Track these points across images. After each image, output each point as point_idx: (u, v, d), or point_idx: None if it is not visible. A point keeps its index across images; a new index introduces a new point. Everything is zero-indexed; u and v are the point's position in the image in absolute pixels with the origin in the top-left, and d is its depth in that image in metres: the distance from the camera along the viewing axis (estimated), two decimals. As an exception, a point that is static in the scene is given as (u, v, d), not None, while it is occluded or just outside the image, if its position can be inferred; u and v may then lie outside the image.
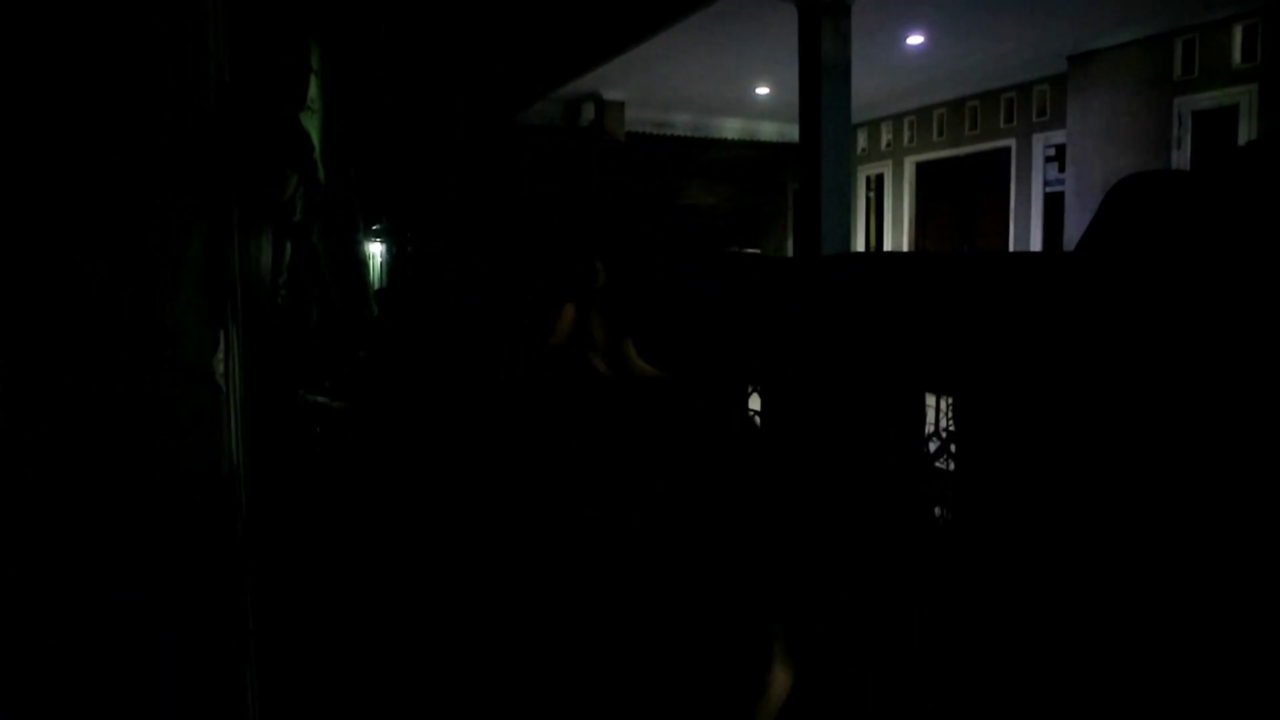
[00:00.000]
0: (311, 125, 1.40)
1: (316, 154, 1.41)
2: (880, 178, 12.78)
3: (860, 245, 12.95)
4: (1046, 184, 10.15)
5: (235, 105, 1.30)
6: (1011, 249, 10.47)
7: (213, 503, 1.37)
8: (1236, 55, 7.58)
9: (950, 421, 2.67)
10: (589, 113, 11.19)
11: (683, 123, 12.60)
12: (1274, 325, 1.42)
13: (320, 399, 3.33)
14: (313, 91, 1.39)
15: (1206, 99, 7.83)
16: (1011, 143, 10.47)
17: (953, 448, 2.64)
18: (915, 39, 8.43)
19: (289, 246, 1.33)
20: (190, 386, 1.35)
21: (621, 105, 10.87)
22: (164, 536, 1.34)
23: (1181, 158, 8.02)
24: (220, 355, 1.37)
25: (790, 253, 14.80)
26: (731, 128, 12.99)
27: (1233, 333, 1.47)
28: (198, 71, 1.30)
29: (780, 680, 1.33)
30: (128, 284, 1.29)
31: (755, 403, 3.44)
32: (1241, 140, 7.56)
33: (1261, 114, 7.36)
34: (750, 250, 14.06)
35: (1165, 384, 1.54)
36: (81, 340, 1.27)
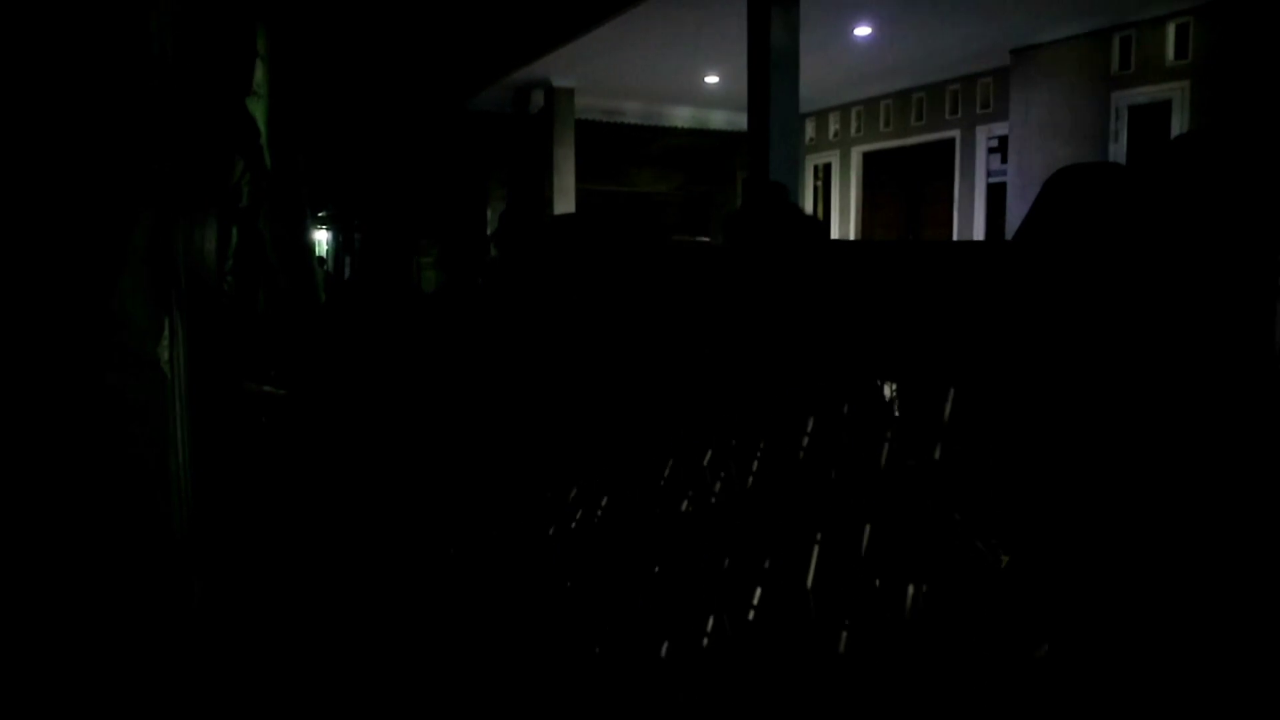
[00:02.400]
0: (258, 111, 1.38)
1: (263, 140, 1.40)
2: (828, 167, 12.91)
3: (809, 234, 13.04)
4: (990, 174, 10.36)
5: (180, 91, 1.28)
6: (956, 238, 10.67)
7: (159, 488, 1.36)
8: (1170, 53, 7.80)
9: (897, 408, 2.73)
10: (539, 100, 11.12)
11: (633, 110, 12.59)
12: (1195, 309, 1.48)
13: (265, 388, 3.28)
14: (259, 77, 1.37)
15: (1142, 94, 8.06)
16: (956, 134, 10.65)
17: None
18: (863, 30, 8.53)
19: (235, 232, 1.31)
20: (136, 373, 1.34)
21: (571, 92, 10.83)
22: (110, 523, 1.32)
23: (1118, 150, 8.24)
24: (165, 342, 1.36)
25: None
26: (682, 116, 13.01)
27: (1158, 315, 1.53)
28: (140, 58, 1.28)
29: None
30: (71, 271, 1.27)
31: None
32: (1174, 134, 7.79)
33: (1193, 109, 7.59)
34: (700, 239, 14.11)
35: (1093, 365, 1.60)
36: (22, 327, 1.25)
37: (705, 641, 1.86)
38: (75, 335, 1.31)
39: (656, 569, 1.92)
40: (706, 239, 14.54)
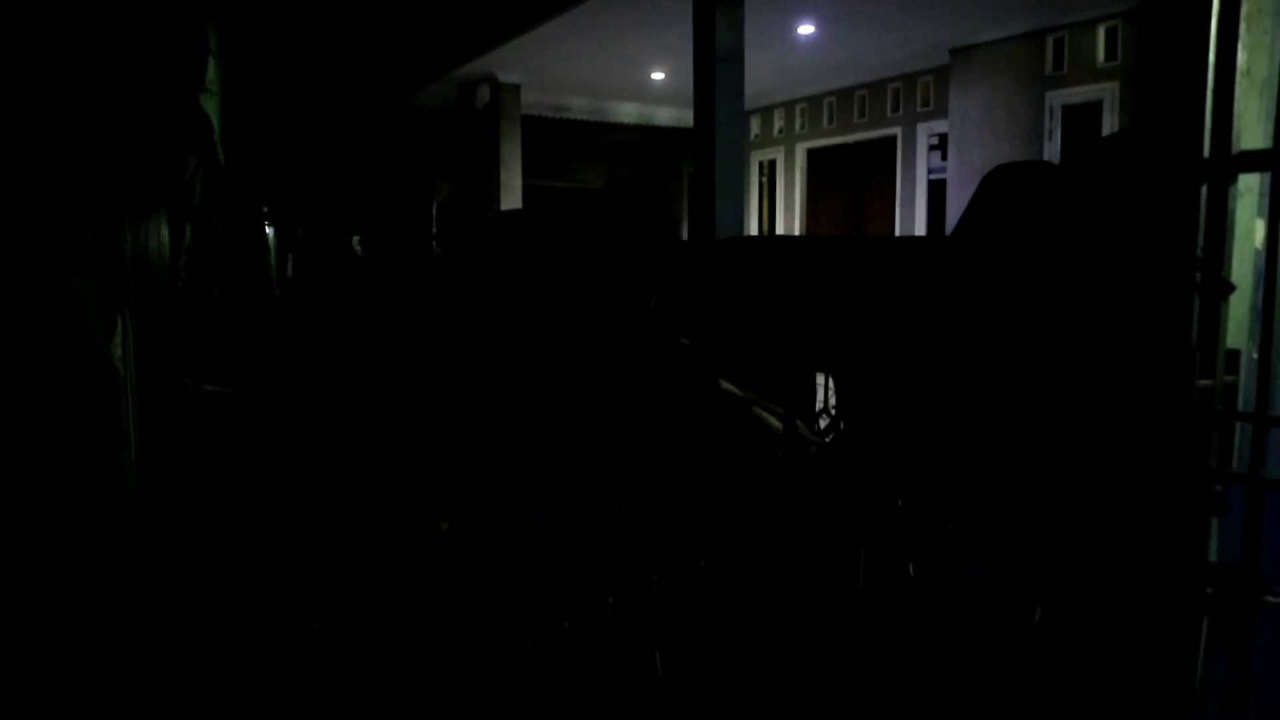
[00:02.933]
0: (211, 108, 1.39)
1: (216, 137, 1.40)
2: (773, 163, 13.06)
3: (753, 229, 13.21)
4: (930, 171, 10.58)
5: (129, 88, 1.28)
6: (898, 232, 10.88)
7: (112, 485, 1.36)
8: (1100, 54, 8.06)
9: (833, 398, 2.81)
10: (485, 95, 11.07)
11: (579, 107, 12.59)
12: (1117, 302, 1.56)
13: (207, 387, 3.24)
14: (211, 73, 1.38)
15: (1074, 94, 8.31)
16: (898, 131, 10.86)
17: (841, 424, 2.77)
18: (806, 29, 8.65)
19: (189, 230, 1.31)
20: (88, 371, 1.34)
21: (518, 88, 10.79)
22: (62, 523, 1.32)
23: (1053, 148, 8.49)
24: (118, 340, 1.36)
25: (685, 236, 14.98)
26: (628, 112, 13.05)
27: (1086, 306, 1.61)
28: (87, 54, 1.28)
29: None
30: (21, 270, 1.27)
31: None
32: (1105, 133, 8.05)
33: (1122, 109, 7.85)
34: (645, 234, 14.17)
35: (1025, 356, 1.67)
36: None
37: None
38: (26, 333, 1.31)
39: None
40: (653, 233, 14.61)
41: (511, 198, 10.72)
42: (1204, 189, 1.43)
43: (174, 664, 1.50)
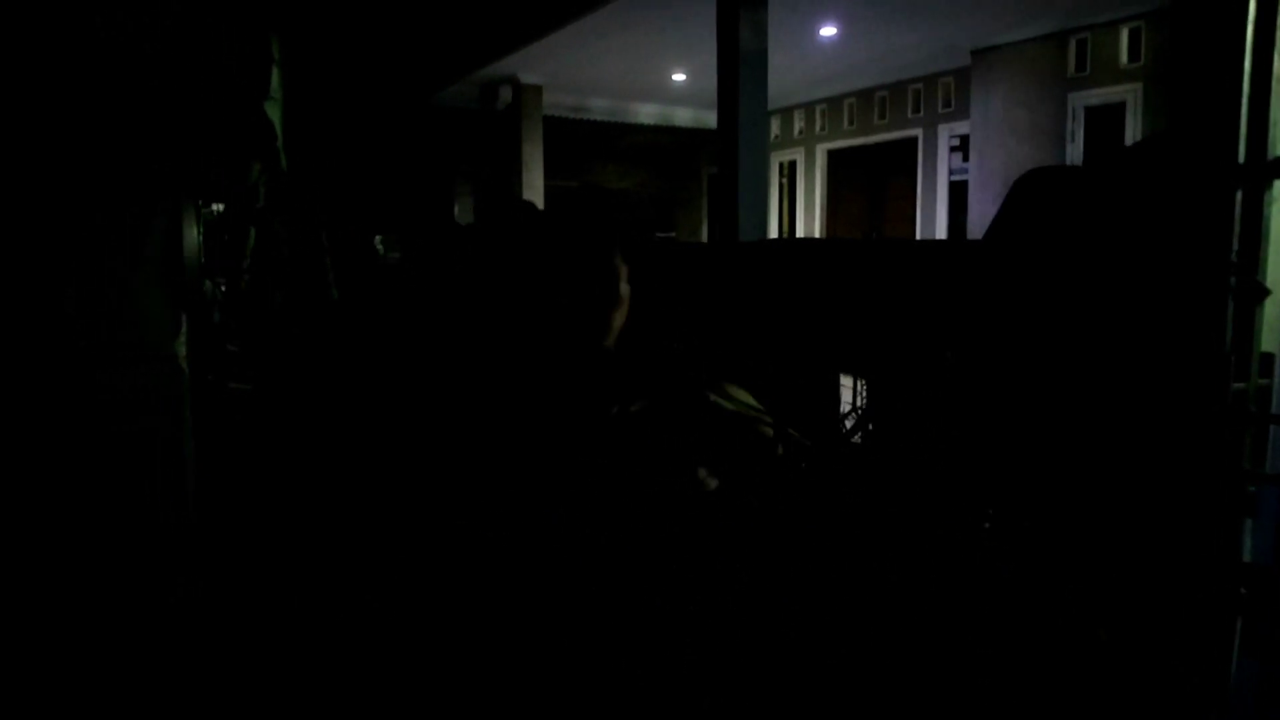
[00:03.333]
0: (274, 114, 1.44)
1: (279, 143, 1.45)
2: (793, 164, 13.06)
3: (773, 230, 13.22)
4: (951, 172, 10.56)
5: (196, 95, 1.33)
6: (918, 235, 10.86)
7: (175, 479, 1.41)
8: (1124, 55, 8.03)
9: (864, 400, 2.83)
10: (507, 96, 11.13)
11: (599, 107, 12.63)
12: (1152, 309, 1.58)
13: (233, 384, 3.29)
14: (275, 81, 1.43)
15: (1097, 95, 8.28)
16: (918, 132, 10.85)
17: (869, 426, 2.79)
18: (828, 30, 8.66)
19: (253, 232, 1.36)
20: (154, 368, 1.39)
21: (539, 89, 10.85)
22: (125, 515, 1.37)
23: (1075, 150, 8.46)
24: (183, 338, 1.41)
25: (705, 237, 15.01)
26: (648, 113, 13.08)
27: (1121, 310, 1.63)
28: (157, 62, 1.33)
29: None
30: (89, 270, 1.32)
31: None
32: (1128, 135, 8.02)
33: (1145, 111, 7.83)
34: (666, 235, 14.19)
35: (1062, 364, 1.69)
36: (47, 327, 1.29)
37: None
38: (98, 333, 1.36)
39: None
40: (672, 234, 14.63)
41: (533, 198, 10.78)
42: (1239, 194, 1.45)
43: (189, 664, 1.53)
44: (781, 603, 1.67)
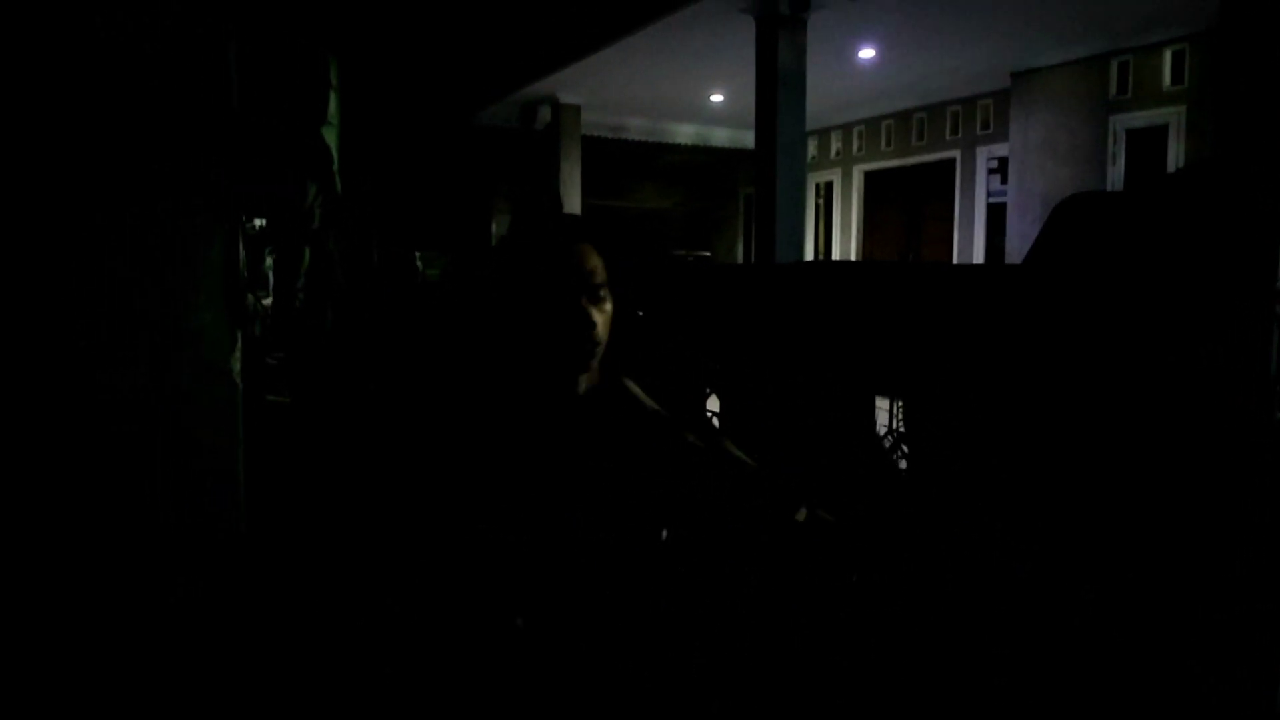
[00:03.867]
0: (330, 138, 1.48)
1: (335, 166, 1.49)
2: (830, 185, 13.06)
3: (809, 251, 13.20)
4: (989, 195, 10.50)
5: (255, 118, 1.38)
6: (955, 257, 10.79)
7: (225, 492, 1.45)
8: (1167, 78, 7.96)
9: (900, 423, 2.83)
10: (546, 115, 11.26)
11: (637, 127, 12.73)
12: (1197, 336, 1.58)
13: (271, 397, 3.36)
14: (332, 106, 1.47)
15: (1139, 118, 8.21)
16: (956, 154, 10.80)
17: (904, 448, 2.79)
18: (867, 52, 8.68)
19: (307, 252, 1.40)
20: (209, 384, 1.43)
21: (578, 109, 10.96)
22: (177, 526, 1.41)
23: (1116, 173, 8.38)
24: (238, 354, 1.46)
25: (741, 257, 15.01)
26: (685, 133, 13.15)
27: (1164, 338, 1.62)
28: (218, 86, 1.39)
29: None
30: (151, 285, 1.37)
31: (713, 403, 3.58)
32: (1171, 158, 7.93)
33: (1189, 134, 7.74)
34: (702, 254, 14.23)
35: (1101, 386, 1.69)
36: (107, 338, 1.34)
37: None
38: (155, 347, 1.40)
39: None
40: (708, 254, 14.66)
41: (569, 217, 10.85)
42: (1285, 222, 1.45)
43: (185, 663, 1.54)
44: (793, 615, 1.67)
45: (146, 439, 1.38)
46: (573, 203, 10.97)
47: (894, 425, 3.03)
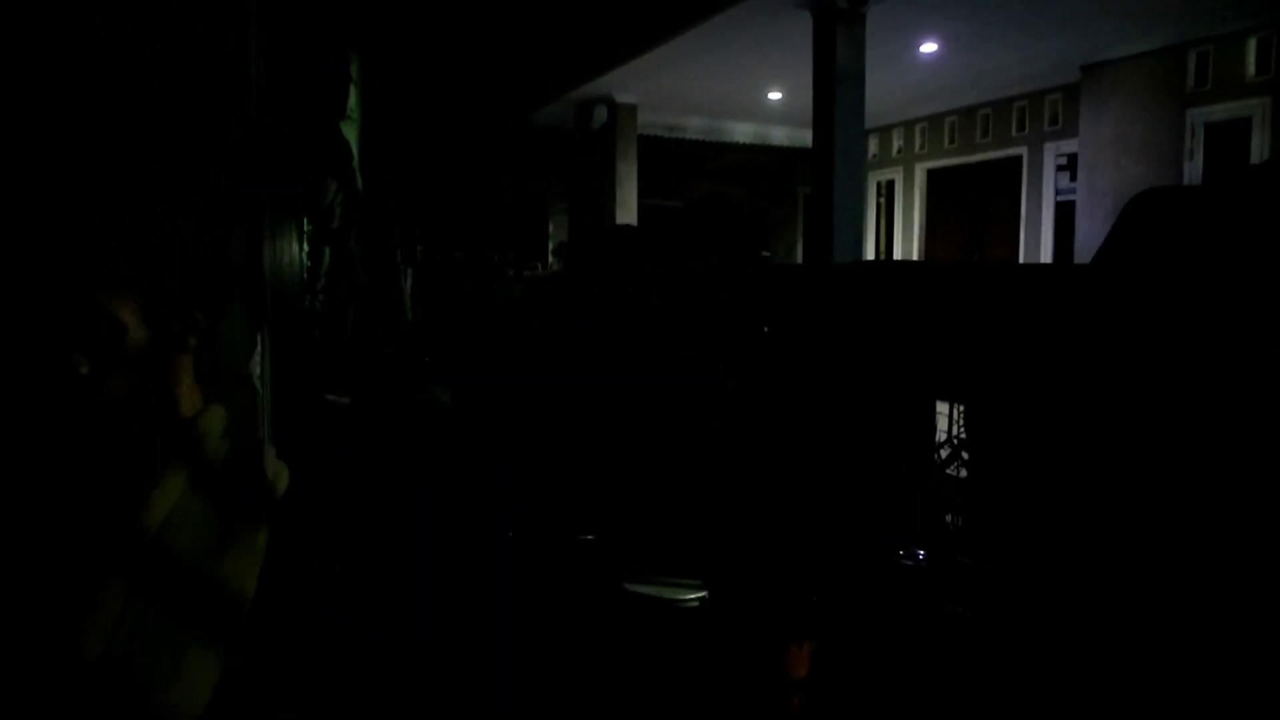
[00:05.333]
0: (350, 134, 1.43)
1: (355, 163, 1.44)
2: (891, 184, 12.80)
3: (870, 251, 12.96)
4: (1058, 193, 10.16)
5: (276, 116, 1.33)
6: (1022, 257, 10.48)
7: (249, 498, 1.41)
8: (1250, 68, 7.59)
9: (961, 429, 2.71)
10: (602, 115, 11.23)
11: (695, 126, 12.63)
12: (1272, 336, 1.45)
13: (330, 396, 3.36)
14: (352, 101, 1.42)
15: (1219, 111, 7.84)
16: (1023, 151, 10.48)
17: (964, 455, 2.67)
18: (928, 47, 8.45)
19: (328, 251, 1.36)
20: (229, 387, 1.39)
21: (634, 108, 10.91)
22: (199, 532, 1.37)
23: (1194, 170, 8.02)
24: (257, 358, 1.41)
25: (799, 257, 14.82)
26: (743, 132, 13.01)
27: (1242, 348, 1.50)
28: (239, 85, 1.34)
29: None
30: (151, 287, 1.33)
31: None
32: (1254, 153, 7.56)
33: (1275, 127, 7.36)
34: (762, 254, 14.06)
35: (1177, 394, 1.57)
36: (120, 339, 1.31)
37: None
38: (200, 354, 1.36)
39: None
40: (767, 254, 14.49)
41: (626, 216, 10.82)
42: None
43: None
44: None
45: (154, 442, 1.34)
46: (629, 203, 10.92)
47: (954, 431, 2.90)
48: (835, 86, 6.23)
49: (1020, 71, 9.41)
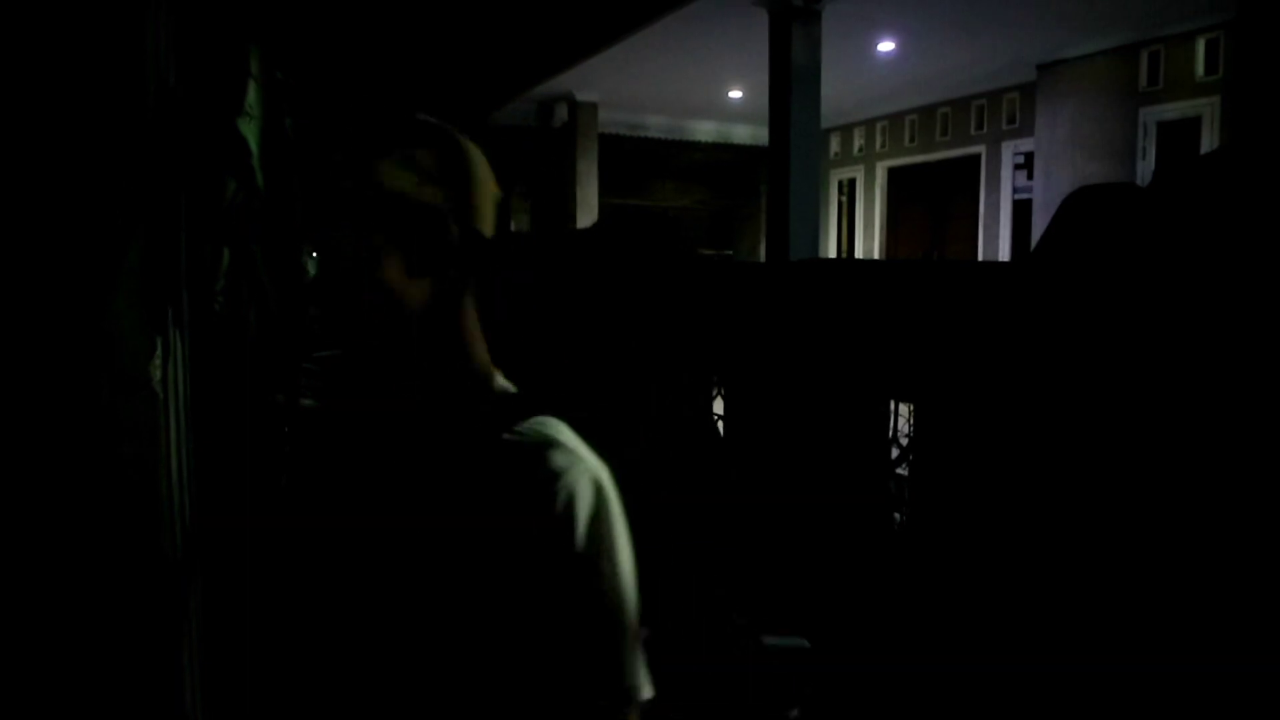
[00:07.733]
0: (250, 132, 1.38)
1: (255, 161, 1.39)
2: (852, 182, 12.86)
3: (832, 249, 13.02)
4: (1015, 191, 10.26)
5: (177, 109, 1.27)
6: (980, 255, 10.57)
7: (147, 509, 1.34)
8: (1199, 68, 7.70)
9: (910, 427, 2.70)
10: (562, 113, 11.16)
11: (656, 125, 12.61)
12: (1217, 324, 1.45)
13: (305, 402, 3.27)
14: (251, 97, 1.37)
15: (1171, 110, 7.95)
16: (982, 149, 10.57)
17: (910, 455, 2.66)
18: (886, 45, 8.49)
19: (226, 253, 1.30)
20: (128, 393, 1.33)
21: (595, 106, 10.86)
22: (93, 545, 1.31)
23: (1147, 167, 8.13)
24: (157, 362, 1.35)
25: (763, 255, 14.85)
26: (705, 130, 13.01)
27: (1180, 333, 1.50)
28: (136, 74, 1.28)
29: None
30: (63, 291, 1.27)
31: (719, 406, 3.45)
32: (1203, 151, 7.68)
33: (1223, 125, 7.48)
34: (725, 252, 14.08)
35: (1113, 385, 1.56)
36: (14, 345, 1.24)
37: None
38: (65, 354, 1.30)
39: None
40: (730, 252, 14.51)
41: (587, 215, 10.77)
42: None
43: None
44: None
45: (54, 452, 1.28)
46: (590, 202, 10.87)
47: (900, 429, 2.89)
48: (791, 85, 6.23)
49: (978, 70, 9.49)
